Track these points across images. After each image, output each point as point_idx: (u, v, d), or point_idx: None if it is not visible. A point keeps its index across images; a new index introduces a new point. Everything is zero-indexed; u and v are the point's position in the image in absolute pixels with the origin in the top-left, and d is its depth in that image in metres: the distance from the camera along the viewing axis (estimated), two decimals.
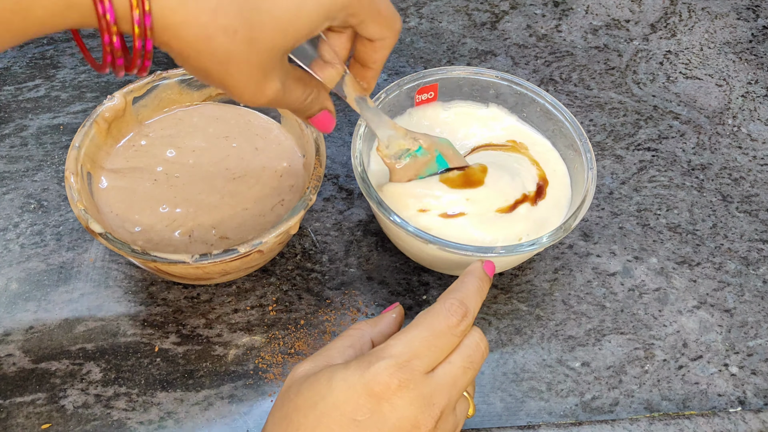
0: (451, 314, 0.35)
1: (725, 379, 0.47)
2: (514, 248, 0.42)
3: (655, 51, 0.68)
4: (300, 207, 0.44)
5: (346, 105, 0.62)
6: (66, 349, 0.45)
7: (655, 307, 0.50)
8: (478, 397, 0.45)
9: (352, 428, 0.32)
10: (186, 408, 0.44)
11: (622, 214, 0.55)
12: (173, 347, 0.46)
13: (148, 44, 0.30)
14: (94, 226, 0.42)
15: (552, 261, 0.52)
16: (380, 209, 0.44)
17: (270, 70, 0.33)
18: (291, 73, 0.36)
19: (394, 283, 0.50)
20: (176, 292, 0.48)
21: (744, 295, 0.51)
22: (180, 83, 0.51)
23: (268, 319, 0.48)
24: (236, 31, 0.30)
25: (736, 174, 0.59)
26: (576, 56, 0.67)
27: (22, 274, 0.49)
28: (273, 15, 0.31)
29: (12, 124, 0.57)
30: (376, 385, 0.32)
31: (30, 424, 0.42)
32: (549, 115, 0.51)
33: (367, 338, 0.38)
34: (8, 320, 0.47)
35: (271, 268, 0.50)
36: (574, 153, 0.49)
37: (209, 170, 0.49)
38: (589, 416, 0.45)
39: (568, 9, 0.71)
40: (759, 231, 0.55)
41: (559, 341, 0.48)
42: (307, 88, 0.37)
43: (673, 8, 0.72)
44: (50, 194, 0.53)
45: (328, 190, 0.55)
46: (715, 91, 0.65)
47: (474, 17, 0.70)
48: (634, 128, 0.61)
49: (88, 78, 0.61)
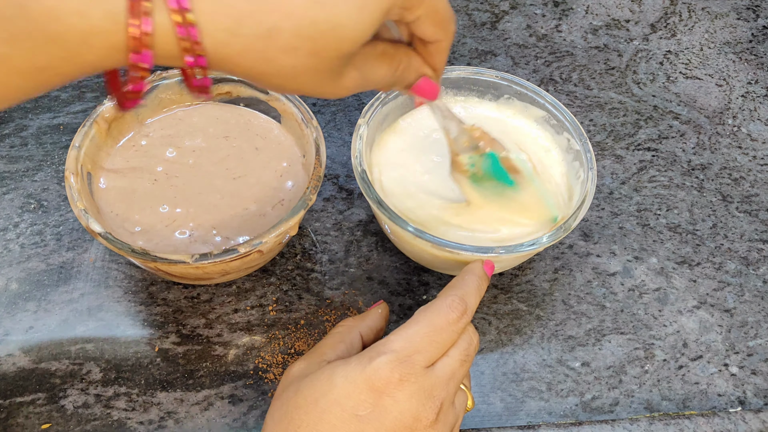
0: (452, 310, 0.35)
1: (725, 379, 0.47)
2: (514, 248, 0.42)
3: (655, 51, 0.68)
4: (300, 207, 0.44)
5: (346, 106, 0.62)
6: (66, 349, 0.45)
7: (655, 307, 0.50)
8: (478, 397, 0.45)
9: (354, 423, 0.32)
10: (186, 408, 0.44)
11: (622, 214, 0.55)
12: (173, 347, 0.46)
13: (206, 82, 0.29)
14: (94, 226, 0.42)
15: (552, 261, 0.52)
16: (380, 209, 0.44)
17: (342, 67, 0.31)
18: (370, 53, 0.33)
19: (394, 283, 0.50)
20: (176, 292, 0.48)
21: (744, 295, 0.51)
22: (180, 83, 0.51)
23: (268, 319, 0.48)
24: (297, 49, 0.29)
25: (736, 174, 0.59)
26: (576, 56, 0.67)
27: (22, 274, 0.49)
28: (333, 24, 0.29)
29: (12, 124, 0.57)
30: (377, 380, 0.32)
31: (30, 424, 0.42)
32: (549, 115, 0.51)
33: (355, 333, 0.39)
34: (8, 320, 0.47)
35: (271, 268, 0.50)
36: (574, 153, 0.49)
37: (209, 170, 0.49)
38: (589, 416, 0.45)
39: (568, 9, 0.71)
40: (759, 231, 0.55)
41: (559, 341, 0.48)
42: (394, 60, 0.34)
43: (673, 8, 0.72)
44: (50, 194, 0.53)
45: (328, 190, 0.55)
46: (715, 91, 0.65)
47: (474, 17, 0.70)
48: (634, 128, 0.61)
49: (88, 78, 0.61)
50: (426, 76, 0.37)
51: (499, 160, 0.44)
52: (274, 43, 0.28)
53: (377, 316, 0.40)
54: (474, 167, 0.44)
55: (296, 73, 0.30)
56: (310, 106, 0.60)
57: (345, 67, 0.31)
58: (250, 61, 0.29)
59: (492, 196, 0.46)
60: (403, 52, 0.35)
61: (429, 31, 0.34)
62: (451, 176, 0.46)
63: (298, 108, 0.49)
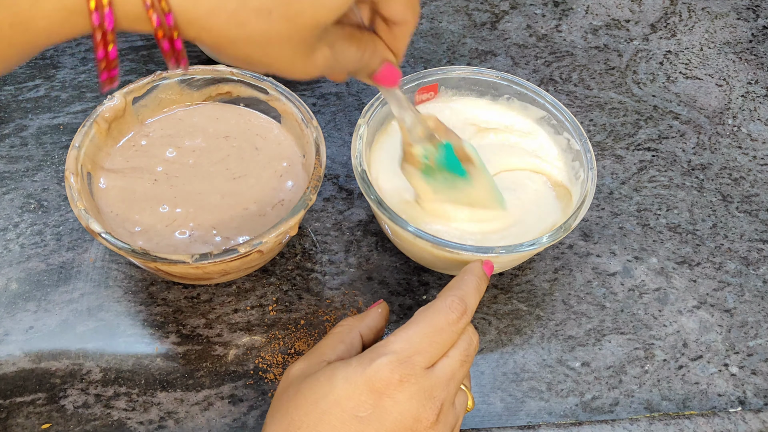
0: (452, 311, 0.35)
1: (725, 379, 0.47)
2: (514, 248, 0.42)
3: (655, 51, 0.68)
4: (300, 207, 0.44)
5: (346, 106, 0.62)
6: (66, 349, 0.45)
7: (655, 307, 0.50)
8: (478, 397, 0.45)
9: (355, 424, 0.32)
10: (186, 408, 0.44)
11: (622, 214, 0.55)
12: (173, 347, 0.46)
13: (177, 44, 0.27)
14: (94, 226, 0.42)
15: (552, 261, 0.52)
16: (380, 209, 0.44)
17: (315, 41, 0.30)
18: (340, 34, 0.32)
19: (394, 283, 0.50)
20: (176, 292, 0.48)
21: (744, 295, 0.51)
22: (180, 83, 0.51)
23: (268, 319, 0.48)
24: (270, 11, 0.27)
25: (736, 174, 0.59)
26: (576, 56, 0.67)
27: (22, 274, 0.49)
28: None
29: (12, 124, 0.57)
30: (377, 381, 0.32)
31: (30, 424, 0.42)
32: (549, 115, 0.51)
33: (355, 333, 0.38)
34: (8, 320, 0.47)
35: (271, 268, 0.50)
36: (574, 153, 0.49)
37: (209, 170, 0.49)
38: (589, 416, 0.45)
39: (568, 9, 0.71)
40: (759, 231, 0.55)
41: (559, 341, 0.48)
42: (361, 43, 0.34)
43: (673, 8, 0.72)
44: (50, 194, 0.53)
45: (328, 190, 0.55)
46: (715, 91, 0.65)
47: (474, 17, 0.70)
48: (634, 128, 0.61)
49: (88, 78, 0.61)
50: (389, 61, 0.36)
51: (454, 149, 0.43)
52: (247, 4, 0.27)
53: (377, 316, 0.40)
54: (428, 159, 0.43)
55: (268, 40, 0.28)
56: (310, 106, 0.60)
57: (318, 41, 0.30)
58: (219, 24, 0.27)
59: (443, 189, 0.45)
60: (368, 36, 0.34)
61: (398, 10, 0.33)
62: (401, 169, 0.44)
63: (298, 108, 0.49)
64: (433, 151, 0.43)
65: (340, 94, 0.61)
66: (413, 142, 0.43)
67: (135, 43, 0.64)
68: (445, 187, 0.45)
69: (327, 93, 0.61)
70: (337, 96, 0.61)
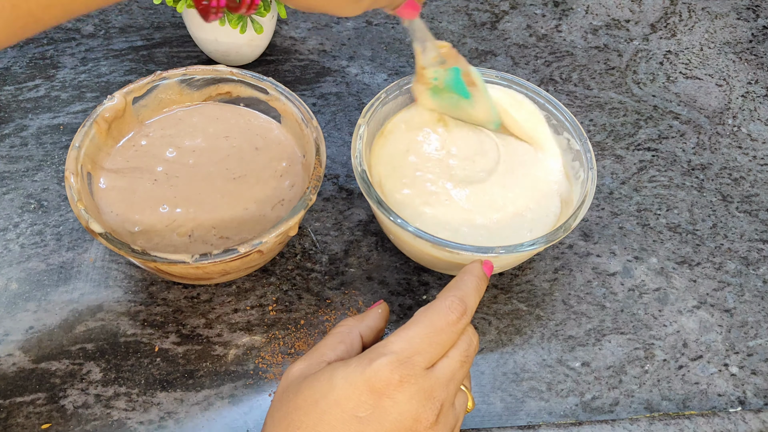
0: (452, 311, 0.35)
1: (725, 379, 0.47)
2: (514, 248, 0.42)
3: (655, 51, 0.68)
4: (300, 207, 0.44)
5: (346, 106, 0.62)
6: (66, 349, 0.45)
7: (655, 307, 0.50)
8: (478, 397, 0.45)
9: (354, 425, 0.32)
10: (186, 408, 0.44)
11: (622, 214, 0.55)
12: (173, 347, 0.46)
13: None
14: (94, 226, 0.42)
15: (552, 261, 0.52)
16: (380, 209, 0.44)
17: None
18: None
19: (394, 283, 0.50)
20: (176, 292, 0.48)
21: (744, 295, 0.51)
22: (180, 83, 0.51)
23: (268, 319, 0.48)
24: None
25: (736, 174, 0.59)
26: (576, 56, 0.67)
27: (22, 274, 0.49)
28: None
29: (12, 124, 0.57)
30: (377, 382, 0.32)
31: (30, 424, 0.42)
32: (549, 115, 0.51)
33: (355, 333, 0.38)
34: (8, 320, 0.47)
35: (271, 268, 0.50)
36: (574, 153, 0.49)
37: (209, 170, 0.49)
38: (589, 416, 0.45)
39: (568, 9, 0.71)
40: (759, 231, 0.55)
41: (559, 341, 0.48)
42: None
43: (673, 8, 0.72)
44: (50, 194, 0.53)
45: (328, 190, 0.55)
46: (715, 91, 0.65)
47: (474, 17, 0.70)
48: (634, 128, 0.61)
49: (88, 78, 0.61)
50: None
51: (461, 74, 0.49)
52: None
53: (377, 316, 0.40)
54: (437, 80, 0.49)
55: None
56: (310, 106, 0.60)
57: None
58: None
59: (447, 107, 0.51)
60: None
61: None
62: (412, 88, 0.51)
63: (298, 108, 0.49)
64: (443, 74, 0.49)
65: (340, 94, 0.61)
66: (426, 66, 0.49)
67: (135, 43, 0.64)
68: (449, 105, 0.51)
69: (327, 93, 0.61)
70: (337, 96, 0.61)
